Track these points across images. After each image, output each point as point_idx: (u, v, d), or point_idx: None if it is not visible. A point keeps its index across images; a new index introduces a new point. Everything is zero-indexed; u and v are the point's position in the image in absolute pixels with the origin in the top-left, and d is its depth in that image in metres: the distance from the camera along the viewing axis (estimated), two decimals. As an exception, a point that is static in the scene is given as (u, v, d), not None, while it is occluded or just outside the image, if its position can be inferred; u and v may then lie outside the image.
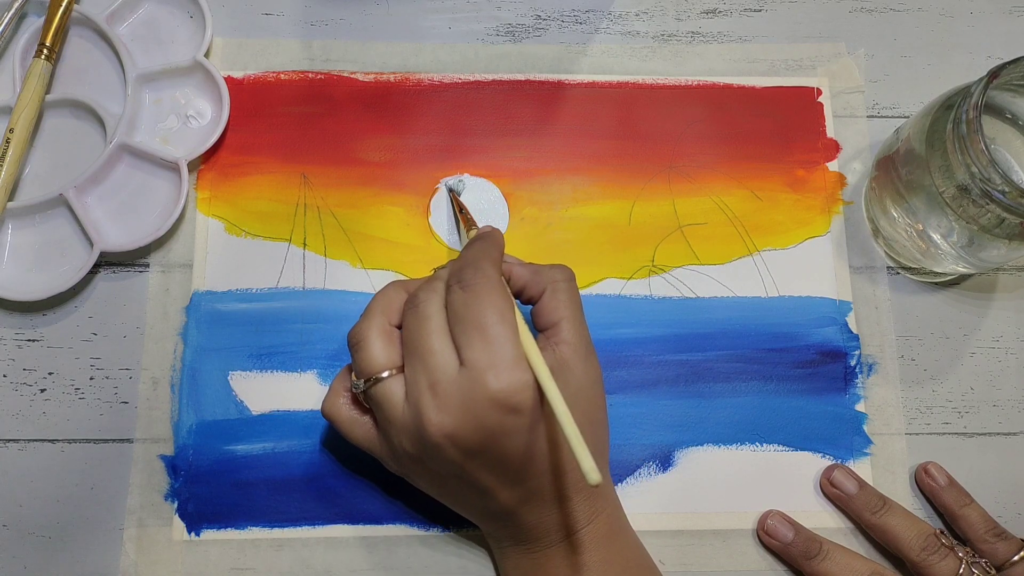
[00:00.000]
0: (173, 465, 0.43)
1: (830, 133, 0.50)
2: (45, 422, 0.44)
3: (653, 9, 0.52)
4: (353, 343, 0.37)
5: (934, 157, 0.41)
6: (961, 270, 0.45)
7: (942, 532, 0.42)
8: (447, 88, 0.50)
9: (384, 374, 0.36)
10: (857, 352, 0.47)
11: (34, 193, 0.47)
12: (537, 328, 0.39)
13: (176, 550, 0.42)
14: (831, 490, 0.44)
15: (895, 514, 0.42)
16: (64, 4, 0.48)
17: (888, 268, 0.48)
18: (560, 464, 0.36)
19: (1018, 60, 0.39)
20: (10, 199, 0.46)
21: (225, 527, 0.43)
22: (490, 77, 0.50)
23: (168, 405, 0.44)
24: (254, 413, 0.44)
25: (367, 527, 0.43)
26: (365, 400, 0.38)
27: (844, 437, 0.45)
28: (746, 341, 0.47)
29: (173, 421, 0.44)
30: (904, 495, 0.45)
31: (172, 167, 0.46)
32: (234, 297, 0.46)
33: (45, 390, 0.45)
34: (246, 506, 0.43)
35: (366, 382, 0.36)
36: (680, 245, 0.48)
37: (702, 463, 0.45)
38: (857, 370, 0.46)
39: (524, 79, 0.50)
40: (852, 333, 0.47)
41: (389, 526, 0.43)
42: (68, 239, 0.46)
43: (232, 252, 0.47)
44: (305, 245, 0.47)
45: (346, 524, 0.43)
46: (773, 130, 0.50)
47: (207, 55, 0.49)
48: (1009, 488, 0.45)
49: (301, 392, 0.45)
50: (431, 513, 0.43)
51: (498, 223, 0.48)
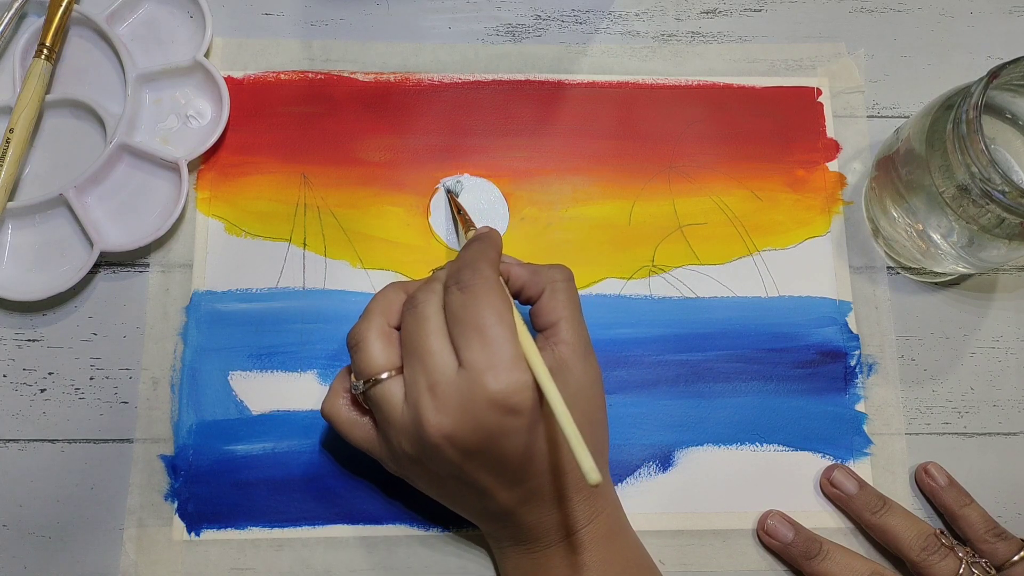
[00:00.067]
0: (173, 465, 0.43)
1: (830, 133, 0.50)
2: (45, 422, 0.44)
3: (653, 9, 0.52)
4: (352, 344, 0.37)
5: (934, 157, 0.41)
6: (961, 270, 0.45)
7: (942, 532, 0.42)
8: (447, 88, 0.50)
9: (383, 375, 0.36)
10: (857, 352, 0.47)
11: (34, 193, 0.47)
12: (536, 328, 0.39)
13: (176, 550, 0.42)
14: (831, 490, 0.44)
15: (895, 514, 0.42)
16: (64, 4, 0.48)
17: (888, 268, 0.48)
18: (560, 464, 0.36)
19: (1018, 60, 0.39)
20: (10, 199, 0.46)
21: (225, 527, 0.43)
22: (490, 77, 0.50)
23: (168, 405, 0.44)
24: (254, 413, 0.44)
25: (367, 527, 0.43)
26: (364, 401, 0.38)
27: (844, 437, 0.45)
28: (746, 341, 0.47)
29: (173, 421, 0.44)
30: (904, 495, 0.45)
31: (172, 167, 0.47)
32: (234, 297, 0.46)
33: (45, 390, 0.45)
34: (246, 506, 0.43)
35: (365, 383, 0.36)
36: (680, 245, 0.48)
37: (702, 463, 0.45)
38: (857, 370, 0.46)
39: (524, 79, 0.50)
40: (852, 333, 0.47)
41: (389, 526, 0.43)
42: (68, 239, 0.46)
43: (232, 252, 0.47)
44: (305, 245, 0.47)
45: (346, 524, 0.43)
46: (773, 130, 0.50)
47: (207, 55, 0.49)
48: (1009, 488, 0.45)
49: (301, 392, 0.45)
50: (431, 513, 0.43)
51: (498, 223, 0.48)
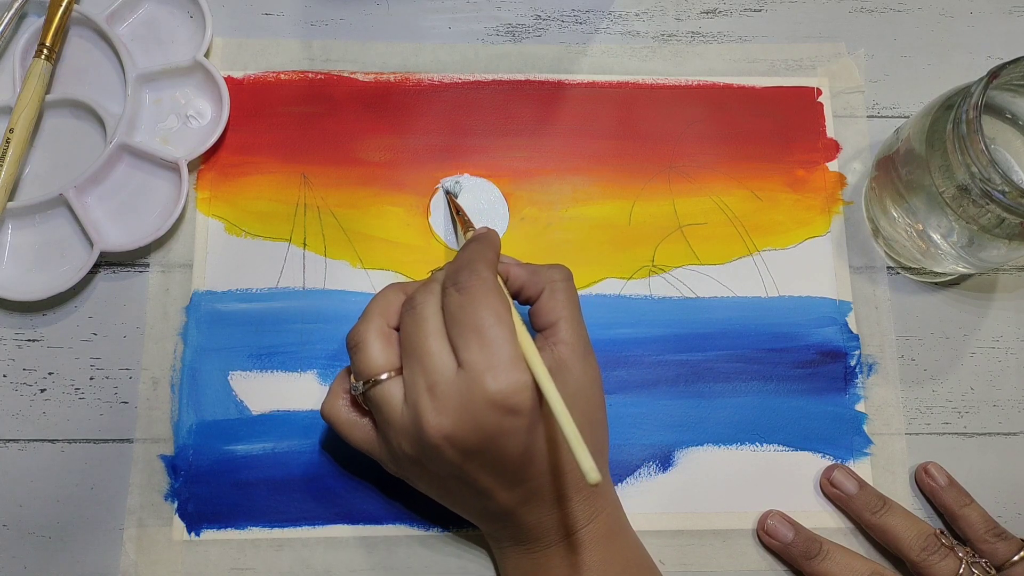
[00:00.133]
0: (173, 465, 0.43)
1: (830, 133, 0.50)
2: (45, 422, 0.44)
3: (653, 9, 0.52)
4: (352, 345, 0.37)
5: (934, 157, 0.41)
6: (961, 270, 0.45)
7: (942, 532, 0.42)
8: (447, 88, 0.50)
9: (383, 376, 0.36)
10: (857, 352, 0.47)
11: (34, 193, 0.47)
12: (535, 328, 0.39)
13: (176, 550, 0.42)
14: (831, 490, 0.44)
15: (895, 514, 0.42)
16: (64, 4, 0.48)
17: (888, 268, 0.48)
18: (559, 464, 0.36)
19: (1018, 60, 0.39)
20: (10, 199, 0.46)
21: (225, 527, 0.43)
22: (490, 77, 0.50)
23: (168, 405, 0.44)
24: (254, 413, 0.44)
25: (367, 527, 0.43)
26: (364, 402, 0.38)
27: (844, 437, 0.45)
28: (746, 341, 0.47)
29: (173, 421, 0.44)
30: (904, 495, 0.45)
31: (172, 167, 0.47)
32: (234, 297, 0.46)
33: (45, 390, 0.45)
34: (246, 506, 0.43)
35: (365, 384, 0.36)
36: (680, 245, 0.48)
37: (702, 463, 0.45)
38: (857, 370, 0.46)
39: (524, 79, 0.50)
40: (852, 333, 0.47)
41: (389, 526, 0.43)
42: (68, 239, 0.46)
43: (232, 252, 0.47)
44: (305, 245, 0.47)
45: (346, 524, 0.43)
46: (773, 130, 0.50)
47: (207, 55, 0.49)
48: (1009, 488, 0.45)
49: (301, 392, 0.45)
50: (431, 513, 0.43)
51: (498, 223, 0.48)
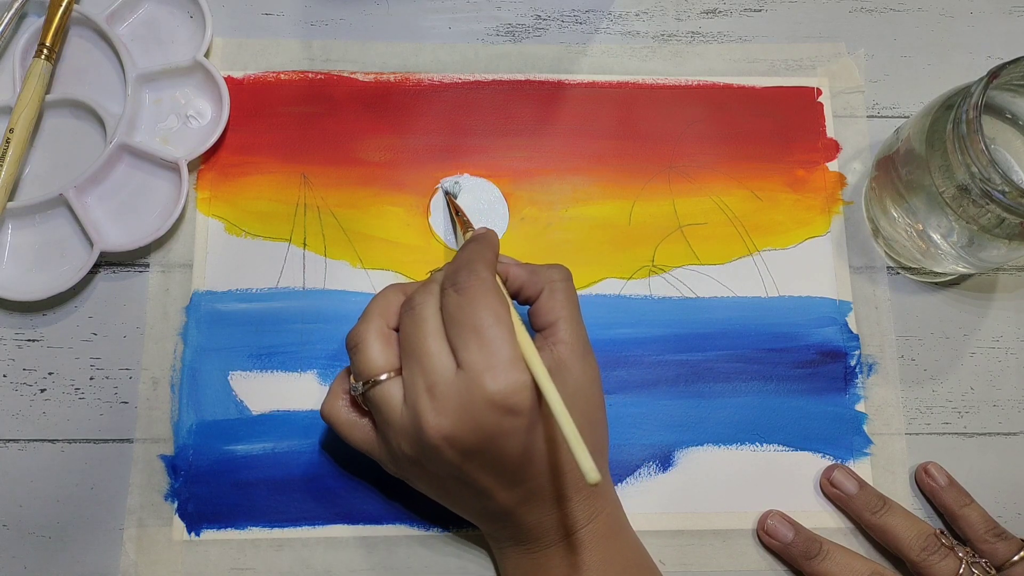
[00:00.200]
0: (173, 465, 0.43)
1: (830, 133, 0.50)
2: (45, 422, 0.44)
3: (653, 9, 0.52)
4: (351, 346, 0.37)
5: (934, 157, 0.41)
6: (961, 270, 0.45)
7: (942, 532, 0.42)
8: (447, 88, 0.50)
9: (382, 376, 0.36)
10: (857, 352, 0.47)
11: (34, 193, 0.47)
12: (534, 328, 0.39)
13: (176, 550, 0.42)
14: (831, 490, 0.44)
15: (895, 514, 0.42)
16: (64, 4, 0.48)
17: (888, 268, 0.48)
18: (559, 464, 0.36)
19: (1018, 60, 0.39)
20: (10, 199, 0.46)
21: (225, 527, 0.43)
22: (490, 77, 0.50)
23: (168, 405, 0.44)
24: (254, 413, 0.44)
25: (367, 527, 0.43)
26: (364, 403, 0.38)
27: (844, 437, 0.45)
28: (746, 341, 0.47)
29: (173, 421, 0.44)
30: (904, 495, 0.45)
31: (172, 167, 0.47)
32: (234, 297, 0.46)
33: (45, 390, 0.45)
34: (246, 506, 0.43)
35: (364, 384, 0.36)
36: (680, 245, 0.48)
37: (702, 463, 0.45)
38: (857, 370, 0.46)
39: (524, 79, 0.50)
40: (852, 333, 0.47)
41: (389, 526, 0.43)
42: (68, 239, 0.46)
43: (232, 252, 0.47)
44: (305, 245, 0.47)
45: (346, 524, 0.43)
46: (773, 130, 0.50)
47: (207, 55, 0.49)
48: (1009, 488, 0.45)
49: (301, 392, 0.45)
50: (431, 513, 0.43)
51: (498, 223, 0.48)
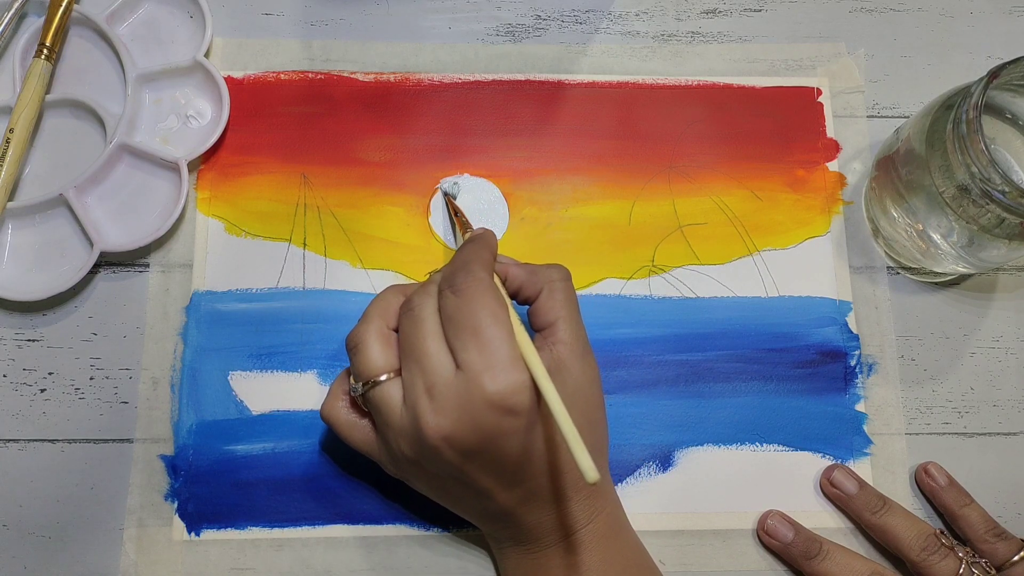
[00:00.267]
0: (173, 465, 0.43)
1: (830, 133, 0.50)
2: (45, 422, 0.44)
3: (653, 9, 0.52)
4: (351, 347, 0.37)
5: (934, 157, 0.41)
6: (961, 270, 0.45)
7: (942, 532, 0.42)
8: (447, 88, 0.50)
9: (382, 377, 0.36)
10: (857, 352, 0.47)
11: (34, 193, 0.47)
12: (534, 328, 0.39)
13: (176, 550, 0.42)
14: (831, 490, 0.44)
15: (895, 514, 0.42)
16: (64, 4, 0.48)
17: (888, 268, 0.48)
18: (558, 464, 0.36)
19: (1018, 60, 0.39)
20: (10, 199, 0.46)
21: (225, 527, 0.43)
22: (490, 77, 0.50)
23: (168, 405, 0.44)
24: (254, 413, 0.44)
25: (367, 527, 0.43)
26: (363, 403, 0.38)
27: (844, 437, 0.45)
28: (746, 341, 0.47)
29: (173, 421, 0.44)
30: (904, 495, 0.45)
31: (172, 167, 0.47)
32: (234, 297, 0.46)
33: (45, 390, 0.45)
34: (246, 506, 0.43)
35: (364, 385, 0.36)
36: (680, 245, 0.48)
37: (702, 463, 0.45)
38: (857, 370, 0.46)
39: (524, 79, 0.50)
40: (852, 333, 0.47)
41: (389, 526, 0.43)
42: (68, 239, 0.46)
43: (232, 252, 0.47)
44: (305, 245, 0.47)
45: (346, 524, 0.43)
46: (773, 130, 0.50)
47: (207, 55, 0.49)
48: (1009, 488, 0.45)
49: (301, 392, 0.45)
50: (431, 514, 0.43)
51: (498, 223, 0.48)
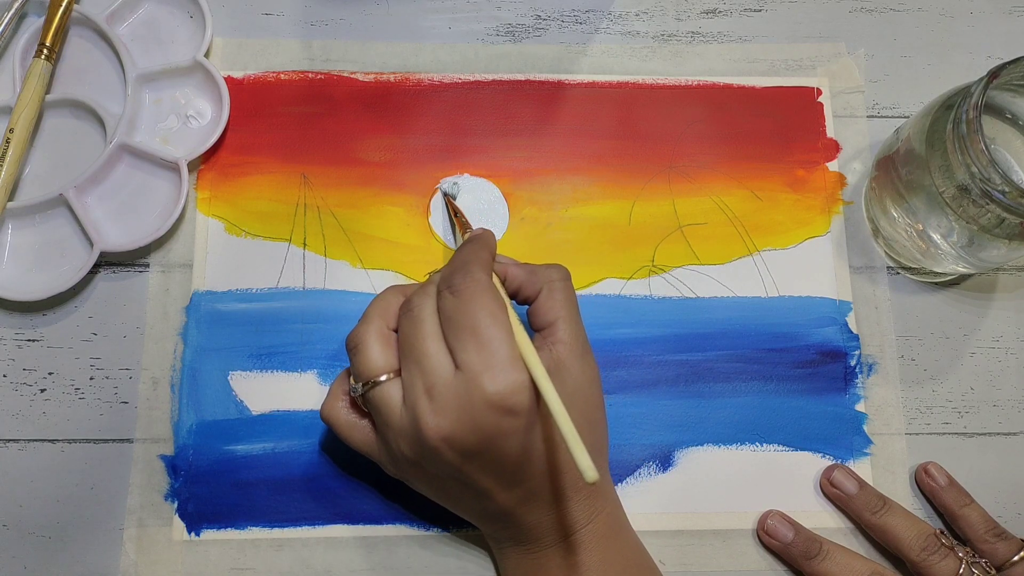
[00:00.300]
0: (173, 465, 0.43)
1: (830, 133, 0.50)
2: (45, 422, 0.44)
3: (653, 9, 0.52)
4: (351, 347, 0.37)
5: (934, 157, 0.41)
6: (961, 270, 0.45)
7: (942, 532, 0.42)
8: (447, 88, 0.50)
9: (382, 378, 0.36)
10: (857, 352, 0.47)
11: (34, 193, 0.47)
12: (533, 328, 0.39)
13: (176, 550, 0.42)
14: (831, 490, 0.44)
15: (895, 514, 0.42)
16: (64, 4, 0.48)
17: (888, 268, 0.48)
18: (558, 464, 0.36)
19: (1018, 60, 0.39)
20: (10, 199, 0.46)
21: (225, 527, 0.43)
22: (490, 77, 0.50)
23: (168, 405, 0.44)
24: (254, 413, 0.44)
25: (367, 527, 0.43)
26: (363, 404, 0.38)
27: (844, 437, 0.45)
28: (746, 341, 0.47)
29: (173, 421, 0.44)
30: (904, 495, 0.45)
31: (172, 167, 0.47)
32: (234, 297, 0.46)
33: (45, 390, 0.45)
34: (246, 506, 0.43)
35: (364, 386, 0.36)
36: (680, 245, 0.48)
37: (702, 463, 0.45)
38: (857, 370, 0.46)
39: (524, 79, 0.50)
40: (852, 333, 0.47)
41: (389, 526, 0.43)
42: (68, 239, 0.46)
43: (232, 252, 0.47)
44: (305, 245, 0.47)
45: (346, 524, 0.43)
46: (773, 130, 0.50)
47: (207, 55, 0.49)
48: (1009, 488, 0.45)
49: (301, 392, 0.45)
50: (431, 514, 0.43)
51: (498, 223, 0.48)
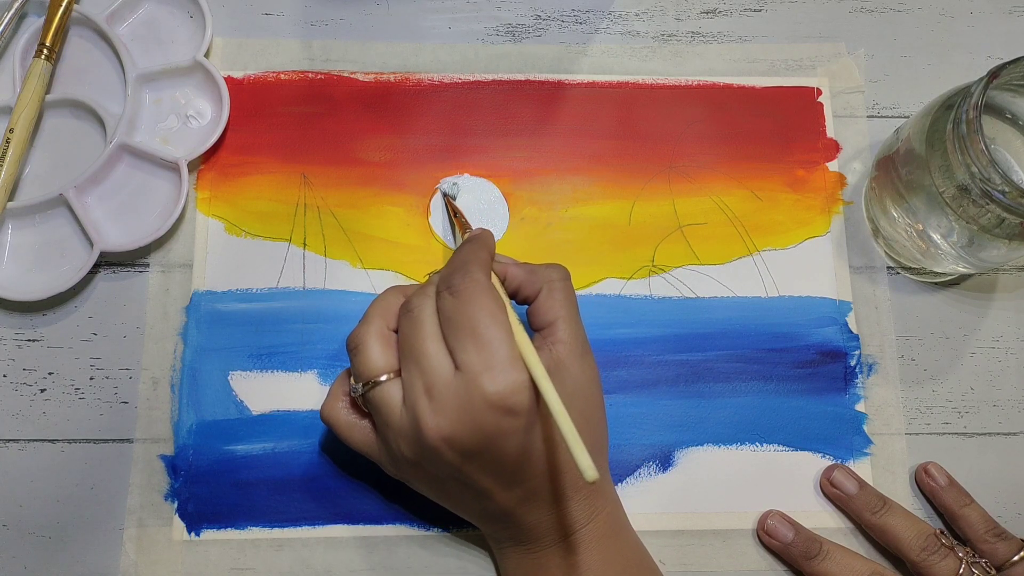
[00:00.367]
0: (173, 465, 0.43)
1: (830, 133, 0.50)
2: (45, 422, 0.44)
3: (653, 9, 0.52)
4: (351, 347, 0.37)
5: (934, 157, 0.41)
6: (961, 270, 0.45)
7: (942, 532, 0.42)
8: (447, 88, 0.50)
9: (382, 378, 0.36)
10: (857, 352, 0.47)
11: (34, 193, 0.47)
12: (533, 328, 0.39)
13: (176, 550, 0.42)
14: (831, 490, 0.44)
15: (895, 514, 0.42)
16: (64, 4, 0.48)
17: (888, 268, 0.48)
18: (558, 464, 0.36)
19: (1018, 60, 0.39)
20: (10, 199, 0.46)
21: (225, 527, 0.43)
22: (490, 77, 0.50)
23: (168, 405, 0.44)
24: (254, 413, 0.44)
25: (367, 527, 0.43)
26: (363, 404, 0.38)
27: (844, 437, 0.45)
28: (746, 341, 0.47)
29: (173, 421, 0.44)
30: (904, 495, 0.45)
31: (172, 167, 0.47)
32: (234, 297, 0.46)
33: (45, 390, 0.45)
34: (246, 506, 0.43)
35: (364, 386, 0.37)
36: (680, 245, 0.48)
37: (702, 463, 0.45)
38: (857, 370, 0.46)
39: (524, 79, 0.50)
40: (852, 333, 0.47)
41: (389, 526, 0.43)
42: (68, 239, 0.46)
43: (232, 252, 0.47)
44: (305, 245, 0.47)
45: (346, 524, 0.43)
46: (773, 130, 0.50)
47: (207, 55, 0.49)
48: (1009, 488, 0.45)
49: (301, 392, 0.45)
50: (431, 514, 0.43)
51: (498, 223, 0.48)
